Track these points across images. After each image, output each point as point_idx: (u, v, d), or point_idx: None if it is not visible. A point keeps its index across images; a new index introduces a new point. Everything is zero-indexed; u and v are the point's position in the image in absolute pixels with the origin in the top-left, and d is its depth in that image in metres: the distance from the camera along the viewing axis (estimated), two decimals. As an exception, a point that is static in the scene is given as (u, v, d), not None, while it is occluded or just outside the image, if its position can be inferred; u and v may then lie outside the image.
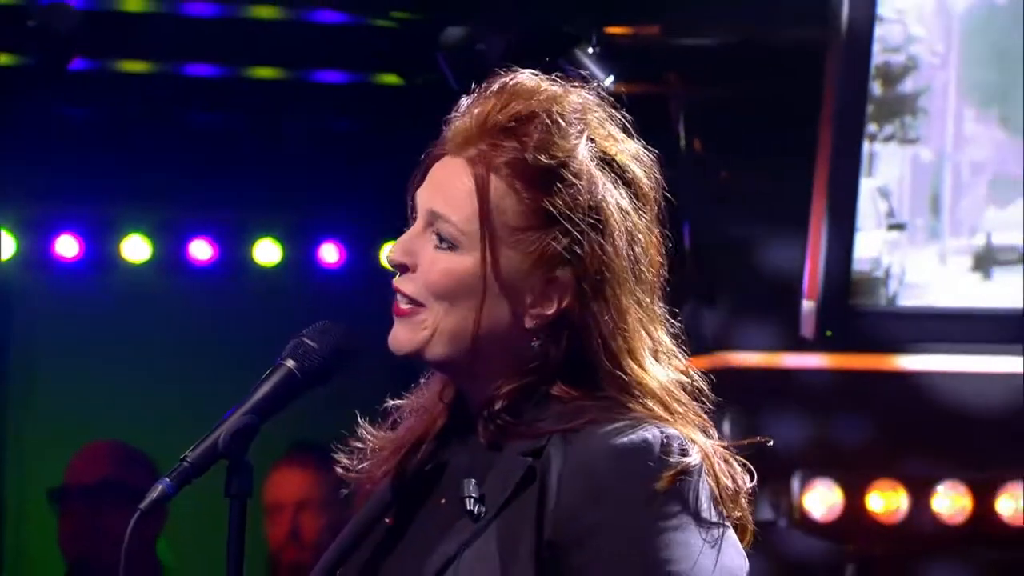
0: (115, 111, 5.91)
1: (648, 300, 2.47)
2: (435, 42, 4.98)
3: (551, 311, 2.44)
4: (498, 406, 2.45)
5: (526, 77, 2.49)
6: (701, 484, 2.38)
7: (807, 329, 4.70)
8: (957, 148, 4.67)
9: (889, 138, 4.64)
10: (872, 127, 4.60)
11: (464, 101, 2.51)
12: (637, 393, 2.42)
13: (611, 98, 2.50)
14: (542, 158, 2.44)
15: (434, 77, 4.88)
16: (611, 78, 4.89)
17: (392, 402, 2.56)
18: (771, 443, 2.49)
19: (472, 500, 2.40)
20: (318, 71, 5.69)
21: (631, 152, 2.48)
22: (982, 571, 5.85)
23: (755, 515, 2.47)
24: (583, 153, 2.45)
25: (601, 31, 4.98)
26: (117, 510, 5.09)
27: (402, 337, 2.47)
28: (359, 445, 2.55)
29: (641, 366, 2.44)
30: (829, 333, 4.69)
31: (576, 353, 2.44)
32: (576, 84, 2.49)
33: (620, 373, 2.42)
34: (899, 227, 4.69)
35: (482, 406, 2.46)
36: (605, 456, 2.36)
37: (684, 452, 2.37)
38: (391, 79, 5.57)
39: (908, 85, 4.61)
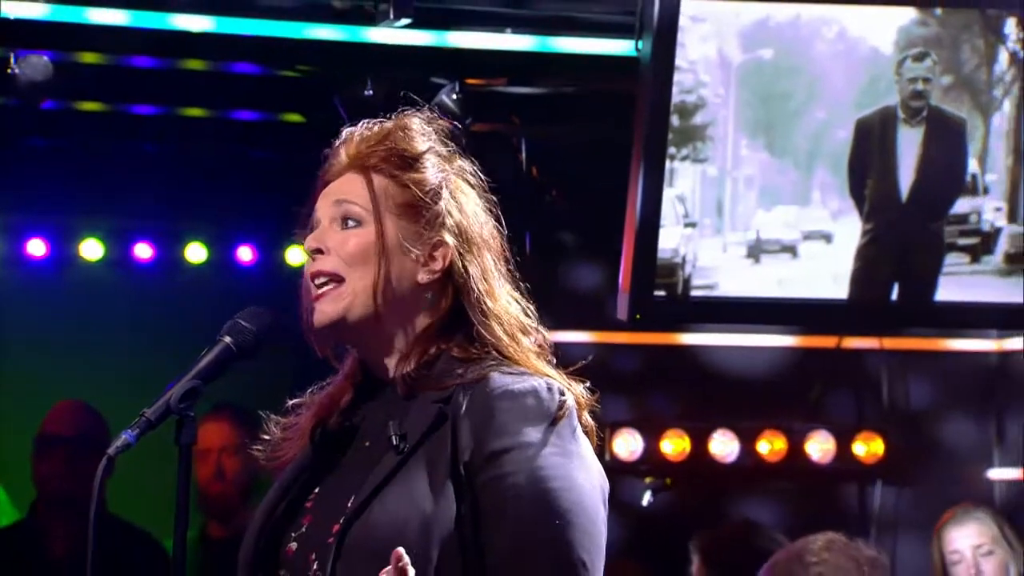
0: (76, 141, 5.85)
1: (503, 267, 2.47)
2: (331, 89, 4.93)
3: (438, 267, 2.43)
4: (412, 363, 2.41)
5: (367, 124, 2.51)
6: (573, 420, 2.38)
7: (622, 314, 4.70)
8: (734, 166, 4.76)
9: (684, 158, 4.70)
10: (672, 150, 4.65)
11: (342, 135, 2.51)
12: (518, 347, 2.41)
13: (455, 132, 2.54)
14: (405, 150, 2.46)
15: (330, 116, 4.82)
16: (470, 119, 4.87)
17: (293, 401, 2.52)
18: (598, 403, 2.45)
19: (397, 437, 2.36)
20: (237, 111, 5.61)
21: (466, 164, 2.51)
22: (746, 500, 5.85)
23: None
24: (434, 149, 2.47)
25: (462, 82, 4.95)
26: (88, 455, 4.97)
27: (328, 309, 2.43)
28: (273, 429, 2.51)
29: (499, 306, 2.43)
30: (639, 316, 4.69)
31: (460, 309, 2.42)
32: (434, 117, 2.51)
33: (484, 314, 2.41)
34: (692, 225, 4.76)
35: (396, 365, 2.43)
36: (503, 399, 2.34)
37: (562, 394, 2.37)
38: (295, 117, 5.51)
39: (698, 119, 4.68)
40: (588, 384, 2.42)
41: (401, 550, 2.18)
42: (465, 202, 2.45)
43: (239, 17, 4.72)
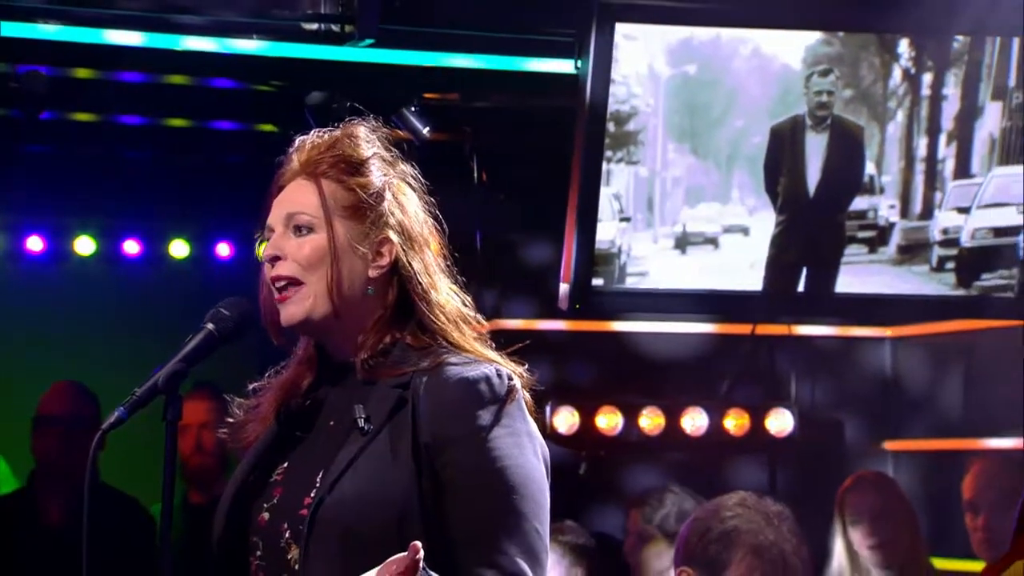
0: (71, 148, 5.82)
1: (442, 262, 2.45)
2: (302, 102, 4.90)
3: (385, 263, 2.40)
4: (370, 351, 2.39)
5: (318, 133, 2.47)
6: (522, 404, 2.37)
7: (563, 303, 4.69)
8: (663, 168, 4.76)
9: (619, 160, 4.69)
10: (608, 153, 4.64)
11: (295, 143, 2.47)
12: (462, 335, 2.40)
13: (387, 130, 2.49)
14: (351, 155, 2.42)
15: (300, 126, 4.77)
16: (427, 128, 4.85)
17: (254, 385, 2.49)
18: (536, 383, 2.43)
19: (362, 419, 2.34)
20: (215, 121, 5.58)
21: (407, 168, 2.48)
22: (671, 468, 5.85)
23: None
24: (378, 155, 2.45)
25: (420, 96, 4.93)
26: (81, 431, 4.98)
27: (293, 310, 2.40)
28: (237, 411, 2.48)
29: (440, 298, 2.42)
30: (578, 306, 4.68)
31: (403, 294, 2.40)
32: (361, 121, 2.47)
33: (426, 305, 2.40)
34: (626, 219, 4.75)
35: (355, 353, 2.39)
36: (457, 386, 2.33)
37: (510, 379, 2.36)
38: (269, 127, 5.47)
39: (631, 126, 4.68)
40: (527, 366, 2.40)
41: (418, 544, 2.15)
42: (407, 203, 2.43)
43: (218, 37, 4.67)
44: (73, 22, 4.56)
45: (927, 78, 4.84)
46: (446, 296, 2.41)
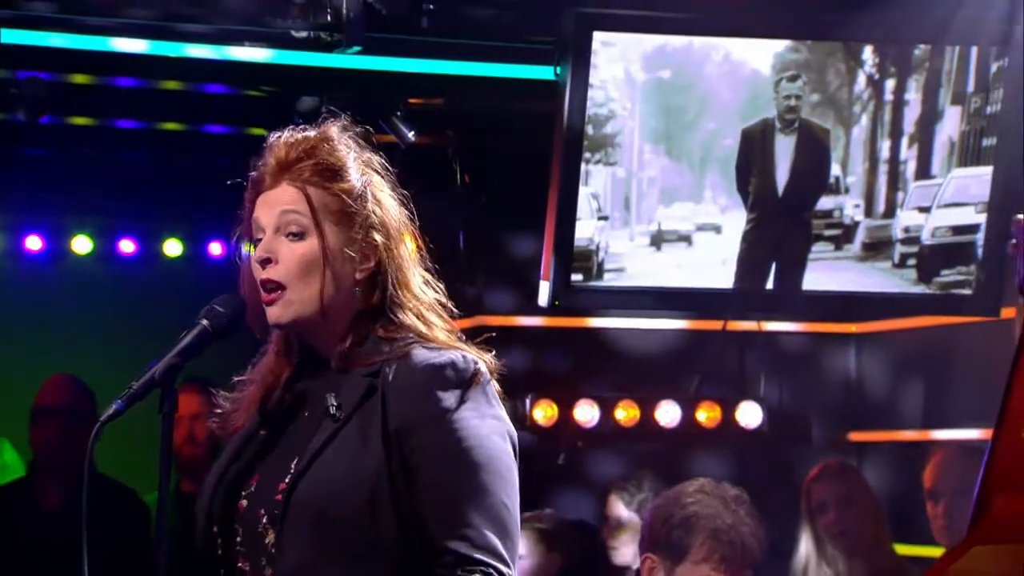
0: (69, 151, 5.82)
1: (416, 254, 2.44)
2: (291, 107, 4.88)
3: (371, 264, 2.39)
4: (347, 344, 2.38)
5: (291, 131, 2.42)
6: (488, 388, 2.36)
7: (543, 300, 4.69)
8: (639, 169, 4.76)
9: (598, 162, 4.69)
10: (587, 155, 4.64)
11: (269, 142, 2.42)
12: (429, 328, 2.39)
13: (358, 128, 2.45)
14: (331, 162, 2.38)
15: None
16: (412, 133, 4.83)
17: (238, 378, 2.48)
18: (504, 369, 2.42)
19: (334, 407, 2.34)
20: (208, 125, 5.56)
21: (378, 160, 2.45)
22: (642, 458, 5.84)
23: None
24: (354, 155, 2.41)
25: (406, 101, 4.92)
26: (78, 422, 4.99)
27: (281, 312, 2.38)
28: (223, 403, 2.47)
29: (415, 292, 2.41)
30: (557, 303, 4.68)
31: (387, 300, 2.39)
32: (332, 121, 2.42)
33: (403, 299, 2.39)
34: (604, 218, 4.74)
35: (333, 346, 2.39)
36: (424, 372, 2.33)
37: (475, 363, 2.35)
38: (259, 131, 5.44)
39: (608, 128, 4.68)
40: (494, 352, 2.39)
41: None
42: (384, 199, 2.41)
43: (212, 44, 4.65)
44: (75, 30, 4.54)
45: (890, 84, 4.84)
46: (420, 289, 2.40)
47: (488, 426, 2.31)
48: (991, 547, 2.06)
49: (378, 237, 2.38)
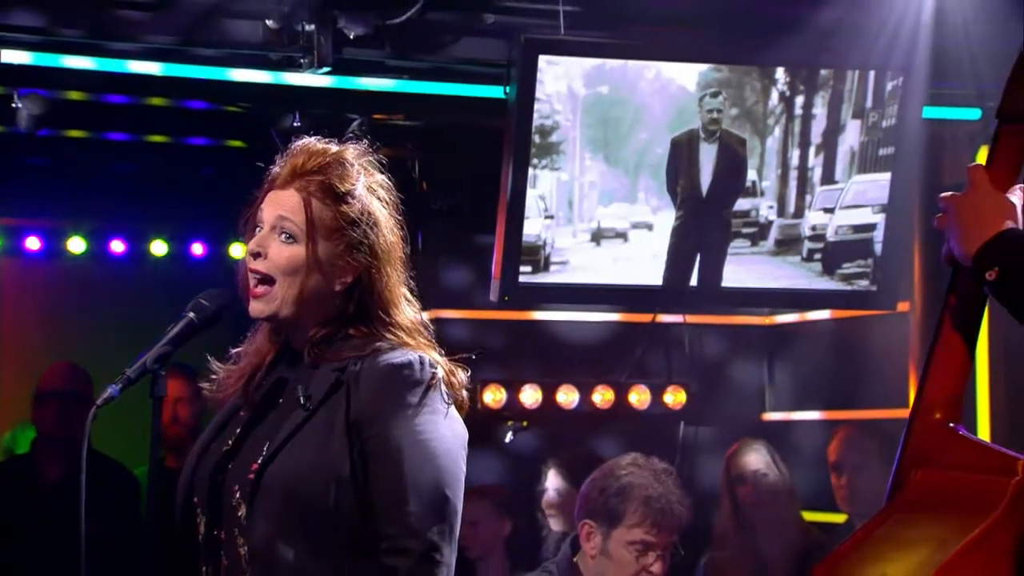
0: (65, 161, 5.77)
1: (401, 272, 2.39)
2: (267, 121, 4.83)
3: (350, 279, 2.35)
4: (318, 341, 2.36)
5: (317, 141, 2.39)
6: (441, 387, 2.33)
7: (494, 296, 4.69)
8: (581, 174, 4.76)
9: (544, 167, 4.68)
10: (535, 161, 4.62)
11: (294, 146, 2.38)
12: (399, 331, 2.35)
13: (373, 154, 2.42)
14: (339, 185, 2.35)
15: (265, 142, 4.71)
16: (376, 145, 4.75)
17: (234, 350, 2.45)
18: (474, 357, 2.41)
19: (303, 398, 2.32)
20: (191, 137, 5.50)
21: (385, 184, 2.42)
22: (585, 437, 5.81)
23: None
24: (362, 183, 2.37)
25: (370, 116, 4.88)
26: (76, 405, 4.90)
27: (262, 307, 2.37)
28: (214, 375, 2.45)
29: (400, 313, 2.36)
30: (507, 298, 4.67)
31: (362, 306, 2.35)
32: (352, 144, 2.41)
33: (386, 317, 2.35)
34: (550, 217, 4.73)
35: (306, 343, 2.37)
36: (385, 370, 2.30)
37: (432, 367, 2.32)
38: (238, 143, 5.40)
39: (554, 137, 4.67)
40: (460, 356, 2.36)
41: None
42: (380, 221, 2.36)
43: (193, 64, 4.59)
44: (71, 51, 4.47)
45: (799, 100, 4.88)
46: (398, 308, 2.36)
47: (439, 424, 2.28)
48: (909, 514, 2.06)
49: (362, 259, 2.33)
